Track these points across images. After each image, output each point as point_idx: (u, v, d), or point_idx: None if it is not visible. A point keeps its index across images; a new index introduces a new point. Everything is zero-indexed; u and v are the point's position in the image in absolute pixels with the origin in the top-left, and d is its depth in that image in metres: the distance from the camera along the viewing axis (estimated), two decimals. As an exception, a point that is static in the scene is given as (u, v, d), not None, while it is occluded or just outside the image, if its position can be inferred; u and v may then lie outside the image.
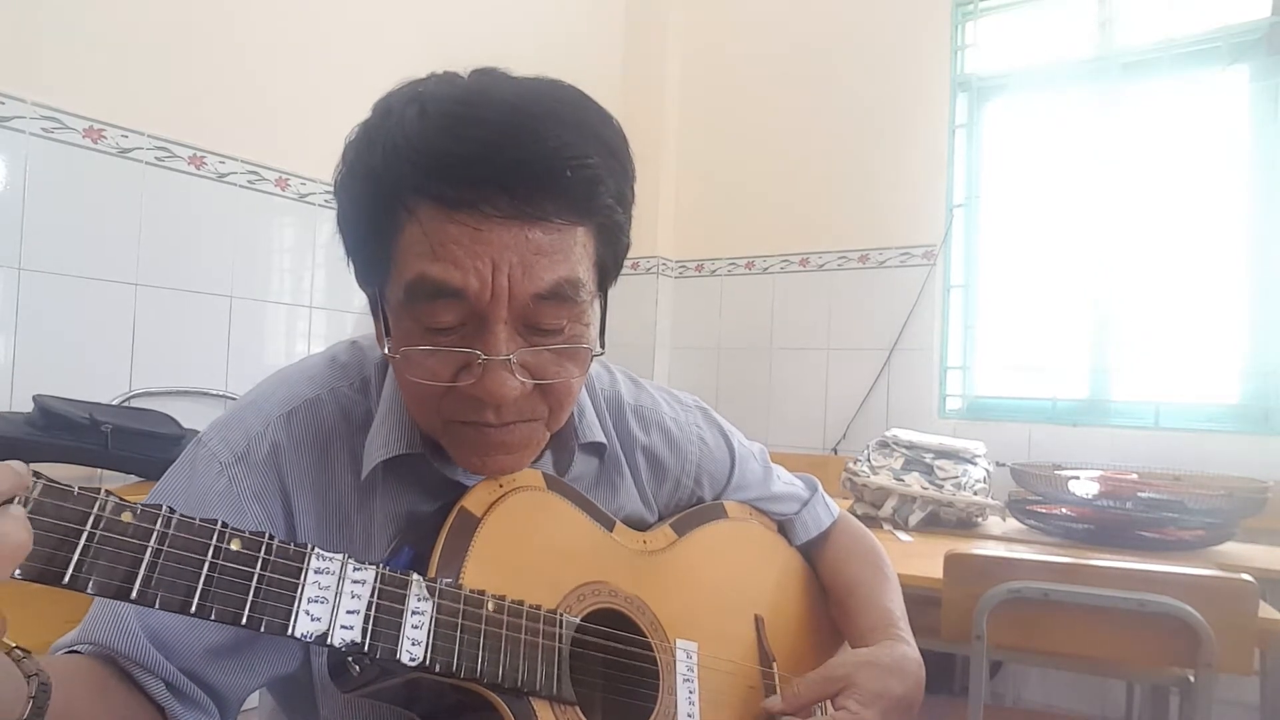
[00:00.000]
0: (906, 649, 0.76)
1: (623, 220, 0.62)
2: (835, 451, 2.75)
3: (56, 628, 0.63)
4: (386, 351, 0.60)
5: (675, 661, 0.71)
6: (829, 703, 0.71)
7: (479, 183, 0.54)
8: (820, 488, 0.96)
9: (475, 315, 0.57)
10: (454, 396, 0.59)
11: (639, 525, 0.78)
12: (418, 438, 0.66)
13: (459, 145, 0.54)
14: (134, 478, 1.52)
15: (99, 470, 1.53)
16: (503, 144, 0.54)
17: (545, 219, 0.55)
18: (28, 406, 1.47)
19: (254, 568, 0.47)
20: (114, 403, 1.68)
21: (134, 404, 1.72)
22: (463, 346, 0.57)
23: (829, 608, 0.90)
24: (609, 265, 0.63)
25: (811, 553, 0.93)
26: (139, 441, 1.49)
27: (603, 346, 0.63)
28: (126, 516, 0.44)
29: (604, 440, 0.76)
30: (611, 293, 0.66)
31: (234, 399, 1.89)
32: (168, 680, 0.59)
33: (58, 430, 1.40)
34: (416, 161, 0.55)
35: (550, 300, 0.57)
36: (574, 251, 0.58)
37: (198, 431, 1.73)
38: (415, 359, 0.58)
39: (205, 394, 1.87)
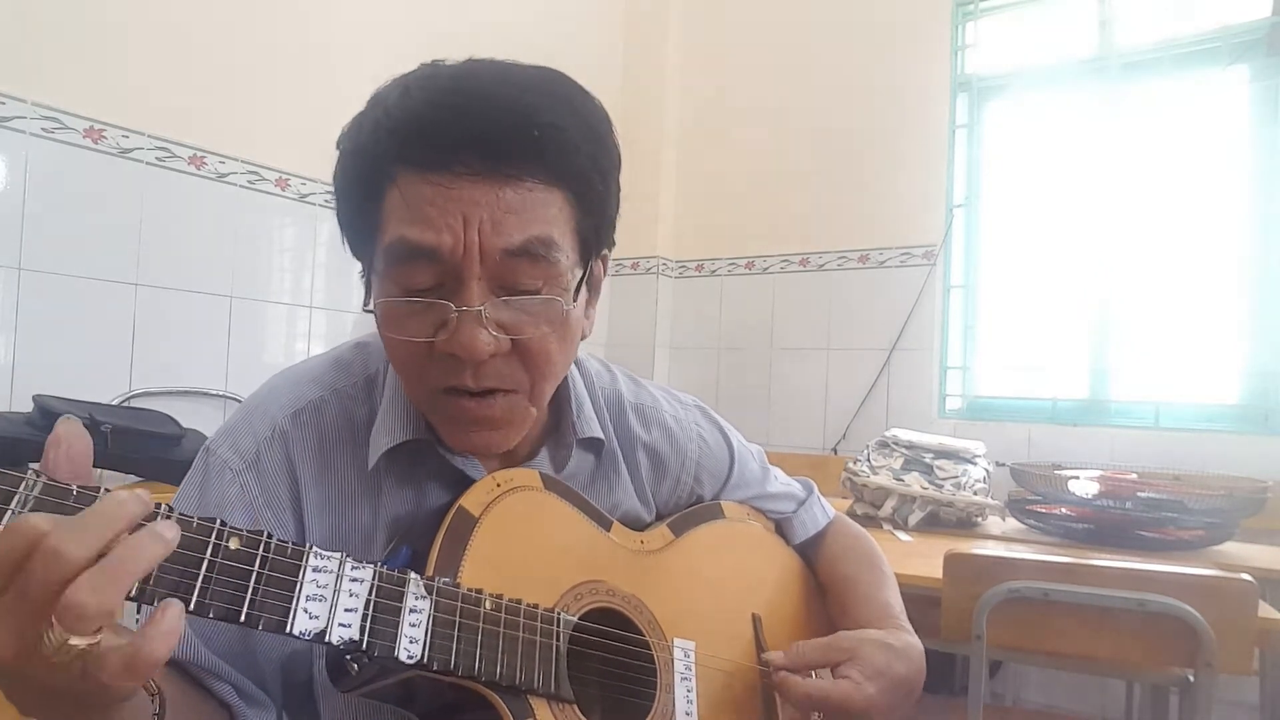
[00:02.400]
0: (910, 637, 0.77)
1: (603, 191, 0.63)
2: (835, 451, 2.75)
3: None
4: (367, 309, 0.62)
5: (673, 660, 0.71)
6: (830, 671, 0.71)
7: (451, 143, 0.56)
8: (816, 489, 0.97)
9: (451, 274, 0.58)
10: (435, 361, 0.60)
11: (635, 523, 0.78)
12: (422, 424, 0.67)
13: (434, 111, 0.57)
14: (134, 478, 1.52)
15: (99, 470, 1.53)
16: (475, 108, 0.56)
17: (517, 178, 0.57)
18: (28, 406, 1.47)
19: (252, 566, 0.48)
20: (114, 403, 1.68)
21: (134, 404, 1.72)
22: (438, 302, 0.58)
23: (826, 605, 0.90)
24: (590, 236, 0.63)
25: (808, 552, 0.93)
26: (139, 441, 1.49)
27: (590, 319, 0.65)
28: None
29: (602, 436, 0.76)
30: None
31: (234, 399, 1.90)
32: (235, 684, 0.62)
33: (57, 430, 1.40)
34: (395, 130, 0.57)
35: (522, 258, 0.58)
36: (548, 213, 0.59)
37: (198, 432, 1.73)
38: (393, 315, 0.59)
39: (205, 394, 1.87)
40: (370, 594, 0.52)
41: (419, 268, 0.58)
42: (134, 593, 0.43)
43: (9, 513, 0.41)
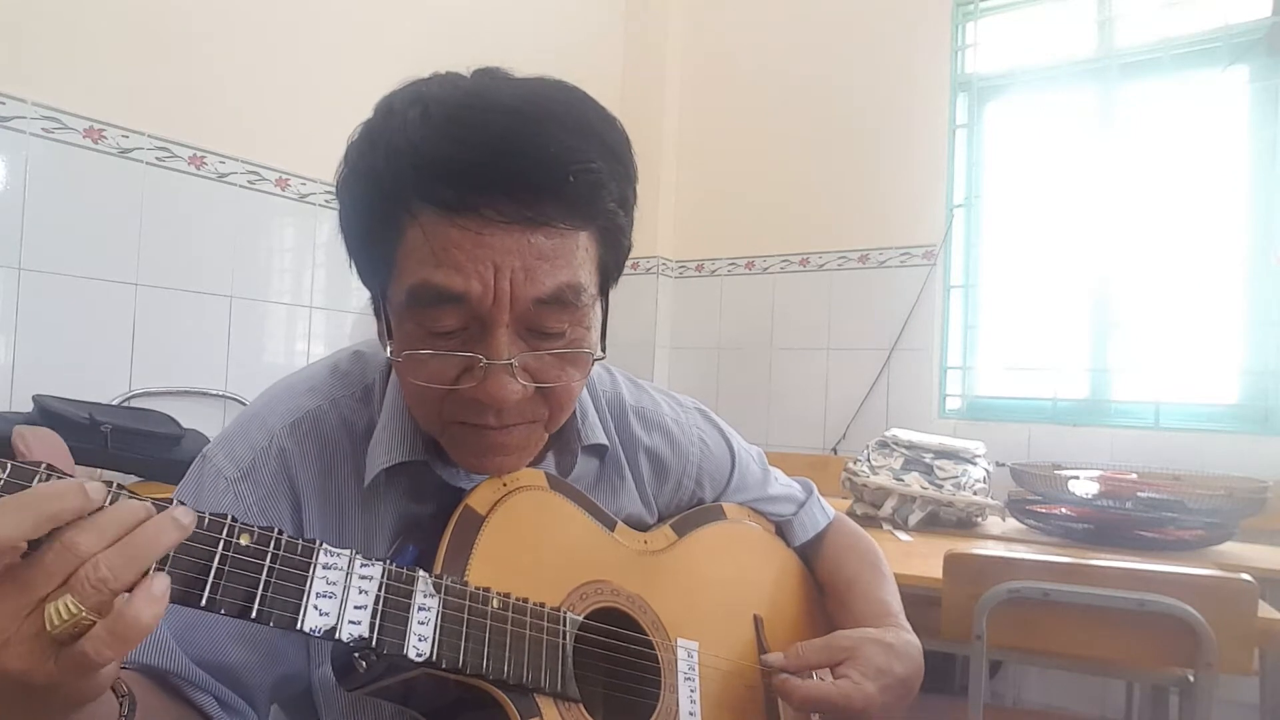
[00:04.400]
0: (908, 635, 0.78)
1: (625, 223, 0.62)
2: (835, 451, 2.75)
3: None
4: (389, 354, 0.60)
5: (677, 660, 0.71)
6: (829, 671, 0.71)
7: (481, 188, 0.54)
8: (816, 490, 0.97)
9: (477, 319, 0.57)
10: (455, 399, 0.59)
11: (638, 526, 0.78)
12: (419, 444, 0.66)
13: (461, 150, 0.54)
14: (133, 478, 1.52)
15: (99, 470, 1.53)
16: (505, 149, 0.54)
17: (548, 224, 0.55)
18: (28, 406, 1.47)
19: (264, 561, 0.48)
20: (114, 403, 1.68)
21: (134, 404, 1.72)
22: (465, 350, 0.57)
23: (826, 604, 0.90)
24: (611, 268, 0.63)
25: (808, 552, 0.94)
26: (138, 441, 1.49)
27: (604, 349, 0.63)
28: None
29: (606, 442, 0.76)
30: (612, 293, 0.66)
31: (234, 399, 1.90)
32: (216, 696, 0.61)
33: (57, 430, 1.40)
34: (418, 165, 0.54)
35: (552, 305, 0.57)
36: (576, 255, 0.58)
37: (198, 432, 1.73)
38: (417, 362, 0.58)
39: (205, 394, 1.87)
40: (379, 591, 0.52)
41: (444, 311, 0.56)
42: None
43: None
